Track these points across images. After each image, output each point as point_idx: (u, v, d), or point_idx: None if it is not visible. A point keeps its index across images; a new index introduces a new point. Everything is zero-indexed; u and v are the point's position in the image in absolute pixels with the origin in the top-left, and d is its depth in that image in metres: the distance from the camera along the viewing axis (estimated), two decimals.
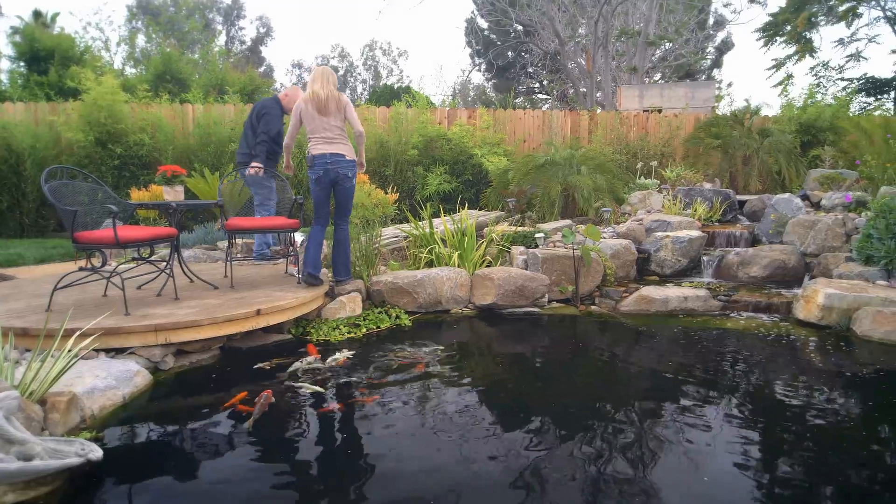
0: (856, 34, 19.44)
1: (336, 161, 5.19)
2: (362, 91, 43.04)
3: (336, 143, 5.25)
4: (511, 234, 6.88)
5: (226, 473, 2.66)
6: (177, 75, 14.28)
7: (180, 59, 15.31)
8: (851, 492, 2.59)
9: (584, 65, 23.83)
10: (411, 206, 9.49)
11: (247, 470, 2.69)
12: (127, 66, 23.09)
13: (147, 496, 2.46)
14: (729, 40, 29.70)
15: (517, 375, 4.17)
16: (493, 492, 2.54)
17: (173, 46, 19.50)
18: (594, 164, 8.48)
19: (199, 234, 7.87)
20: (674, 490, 2.58)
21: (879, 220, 5.99)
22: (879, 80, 19.44)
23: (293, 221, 5.39)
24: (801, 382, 4.01)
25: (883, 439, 3.13)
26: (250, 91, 14.57)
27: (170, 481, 2.58)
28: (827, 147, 10.28)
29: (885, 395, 3.80)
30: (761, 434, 3.17)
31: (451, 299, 5.85)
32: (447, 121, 11.24)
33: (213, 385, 3.79)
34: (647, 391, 3.83)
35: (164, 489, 2.51)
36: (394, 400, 3.57)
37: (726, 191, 8.70)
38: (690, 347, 4.85)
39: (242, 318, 4.28)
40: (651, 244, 7.04)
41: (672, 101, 13.95)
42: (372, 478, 2.63)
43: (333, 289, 5.48)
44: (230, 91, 11.39)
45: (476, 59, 30.22)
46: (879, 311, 5.05)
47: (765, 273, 6.62)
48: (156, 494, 2.47)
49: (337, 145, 5.25)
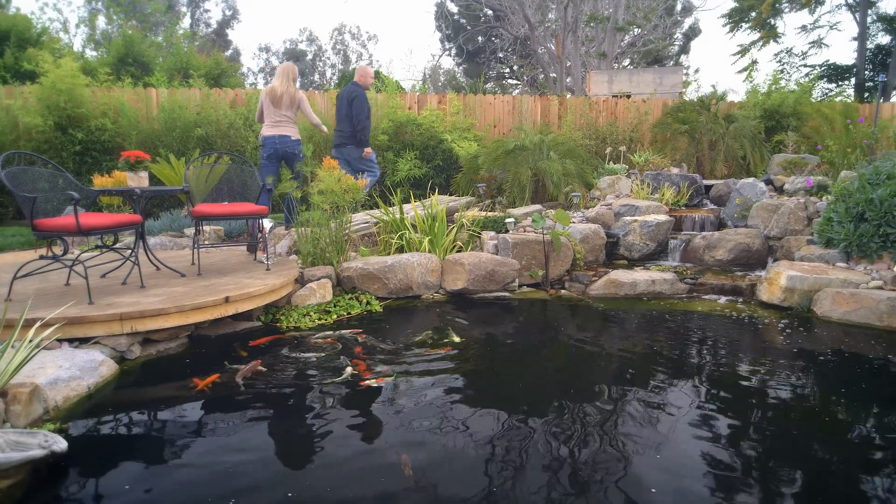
0: (818, 21, 19.80)
1: (283, 141, 6.81)
2: (331, 75, 42.55)
3: (282, 127, 6.81)
4: (481, 220, 6.90)
5: (193, 463, 2.63)
6: (140, 58, 13.93)
7: (143, 42, 14.93)
8: (812, 466, 2.68)
9: (554, 50, 23.87)
10: (381, 192, 9.44)
11: (215, 459, 2.67)
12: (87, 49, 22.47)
13: (113, 487, 2.42)
14: (696, 26, 30.04)
15: (488, 359, 4.19)
16: (468, 470, 2.56)
17: (135, 29, 19.01)
18: (564, 150, 8.52)
19: (166, 221, 7.73)
20: (643, 466, 2.63)
21: (839, 203, 6.15)
22: (840, 66, 19.87)
23: (262, 208, 5.33)
24: (763, 362, 4.11)
25: (840, 415, 3.23)
26: (216, 75, 14.28)
27: (136, 472, 2.54)
28: (790, 132, 10.48)
29: (843, 374, 3.92)
30: (726, 412, 3.25)
31: (422, 285, 5.85)
32: (417, 106, 11.18)
33: (181, 374, 3.74)
34: (617, 372, 3.89)
35: (131, 480, 2.47)
36: (363, 386, 3.57)
37: (693, 175, 8.82)
38: (658, 330, 4.93)
39: (210, 306, 4.22)
40: (620, 228, 7.12)
41: (640, 87, 14.07)
42: (347, 463, 2.63)
43: (304, 275, 5.44)
44: (195, 75, 11.11)
45: (446, 44, 30.07)
46: (839, 293, 5.20)
47: (730, 256, 6.75)
48: (122, 485, 2.43)
49: (283, 128, 6.82)
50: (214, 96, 9.88)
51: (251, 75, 43.03)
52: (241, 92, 10.52)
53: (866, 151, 7.86)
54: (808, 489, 2.50)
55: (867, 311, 5.01)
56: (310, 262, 5.81)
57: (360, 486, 2.44)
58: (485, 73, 28.01)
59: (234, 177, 6.09)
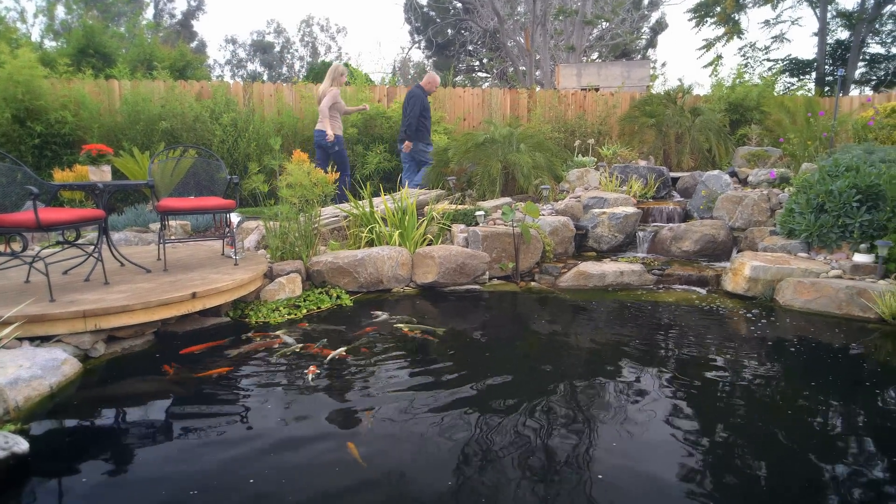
0: (780, 16, 20.20)
1: (318, 134, 8.03)
2: (300, 68, 42.07)
3: (320, 122, 7.98)
4: (452, 213, 6.90)
5: (158, 462, 2.60)
6: (101, 49, 13.56)
7: (104, 33, 14.52)
8: (775, 451, 2.74)
9: (523, 43, 23.93)
10: (351, 186, 9.38)
11: (180, 457, 2.63)
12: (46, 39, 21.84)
13: (76, 488, 2.38)
14: (663, 21, 30.39)
15: (459, 351, 4.20)
16: (438, 461, 2.57)
17: (96, 19, 18.53)
18: (533, 142, 8.55)
19: (130, 216, 7.57)
20: (610, 453, 2.67)
21: (801, 195, 6.29)
22: (802, 61, 20.30)
23: (229, 202, 5.25)
24: (728, 351, 4.20)
25: (802, 402, 3.32)
26: (181, 67, 13.98)
27: (100, 472, 2.50)
28: (754, 125, 10.67)
29: (805, 361, 4.02)
30: (692, 400, 3.31)
31: (393, 278, 5.84)
32: (387, 99, 11.11)
33: (147, 371, 3.68)
34: (586, 363, 3.94)
35: (94, 480, 2.43)
36: (334, 377, 3.55)
37: (660, 168, 8.94)
38: (626, 320, 5.00)
39: (177, 302, 4.16)
40: (589, 221, 7.19)
41: (609, 80, 14.18)
42: (317, 456, 2.62)
43: (272, 270, 5.39)
44: (160, 67, 10.86)
45: (416, 37, 29.93)
46: (800, 282, 5.33)
47: (696, 247, 6.86)
48: (85, 486, 2.39)
49: (319, 123, 7.99)
50: (180, 88, 9.69)
51: (217, 67, 42.32)
52: (207, 84, 10.34)
53: (826, 144, 8.04)
54: (772, 473, 2.57)
55: (827, 300, 5.15)
56: (279, 256, 5.76)
57: (321, 478, 2.44)
58: (454, 66, 27.96)
59: (201, 170, 5.99)
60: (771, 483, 2.50)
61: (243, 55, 43.31)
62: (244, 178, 8.63)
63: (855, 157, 6.33)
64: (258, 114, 9.78)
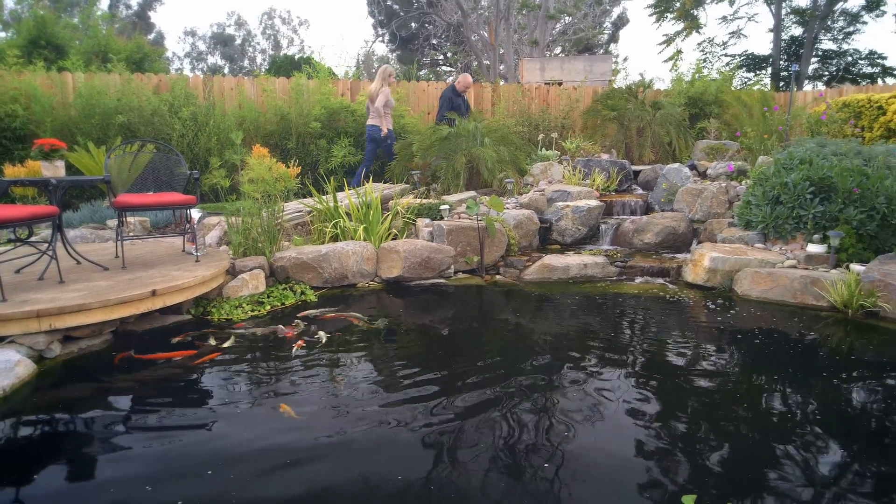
0: (737, 12, 20.63)
1: (371, 129, 8.75)
2: (262, 61, 41.44)
3: (372, 118, 8.76)
4: (416, 207, 6.89)
5: (117, 466, 2.54)
6: (53, 41, 13.13)
7: (57, 23, 14.05)
8: (734, 436, 2.82)
9: (487, 37, 23.97)
10: (315, 180, 9.28)
11: (140, 462, 2.58)
12: None
13: (30, 493, 2.31)
14: (624, 16, 30.74)
15: (425, 345, 4.21)
16: (405, 457, 2.57)
17: (48, 9, 17.94)
18: (497, 136, 8.58)
19: (86, 212, 7.37)
20: (577, 442, 2.70)
21: (757, 187, 6.44)
22: (758, 56, 20.78)
23: (189, 197, 5.15)
24: (688, 340, 4.29)
25: (759, 388, 3.41)
26: (138, 59, 13.63)
27: (55, 476, 2.44)
28: (712, 119, 10.88)
29: (761, 349, 4.13)
30: (655, 388, 3.38)
31: (358, 273, 5.81)
32: (350, 92, 11.02)
33: (105, 371, 3.60)
34: (551, 355, 3.97)
35: (49, 485, 2.37)
36: (299, 375, 3.52)
37: (622, 161, 9.06)
38: (590, 312, 5.06)
39: (137, 300, 4.07)
40: (552, 214, 7.25)
41: (572, 75, 14.29)
42: (280, 457, 2.59)
43: (235, 266, 5.31)
44: (115, 59, 10.56)
45: (379, 30, 29.73)
46: (757, 272, 5.46)
47: (657, 239, 6.98)
48: (41, 492, 2.33)
49: (371, 119, 8.77)
50: (137, 82, 9.44)
51: (176, 60, 41.37)
52: (165, 77, 10.11)
53: (781, 137, 8.25)
54: (730, 454, 2.64)
55: (782, 290, 5.29)
56: (241, 252, 5.67)
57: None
58: (418, 60, 27.86)
59: (160, 165, 5.87)
60: (728, 463, 2.56)
61: (203, 48, 42.48)
62: (205, 173, 8.46)
63: (808, 150, 6.51)
64: (219, 108, 9.60)
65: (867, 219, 5.62)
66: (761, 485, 2.41)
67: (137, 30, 27.48)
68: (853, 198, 5.70)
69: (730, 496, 2.30)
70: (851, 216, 5.62)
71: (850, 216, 5.63)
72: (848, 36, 20.02)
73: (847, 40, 20.11)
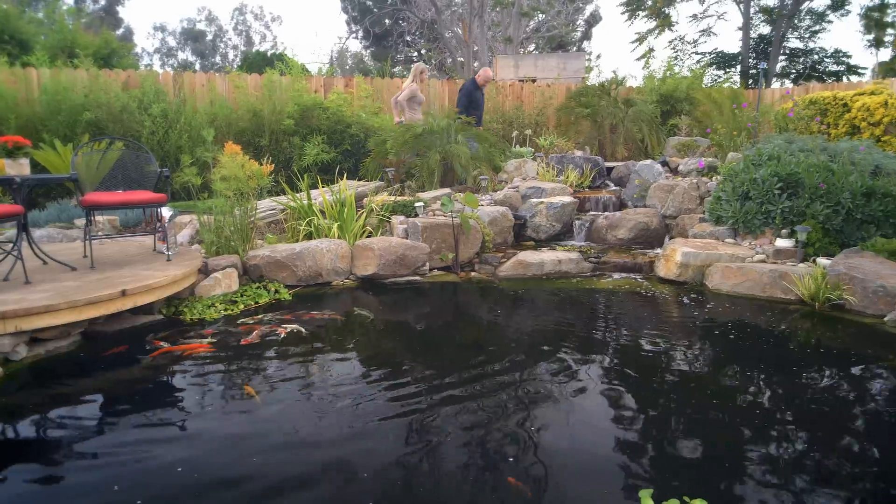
0: (707, 11, 20.90)
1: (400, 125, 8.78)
2: (234, 57, 40.94)
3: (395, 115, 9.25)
4: (391, 204, 6.87)
5: (83, 468, 2.50)
6: (17, 35, 12.82)
7: (21, 17, 13.73)
8: (704, 424, 2.86)
9: (461, 34, 23.98)
10: (288, 178, 9.19)
11: (110, 466, 2.55)
12: None
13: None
14: (597, 13, 30.98)
15: (401, 343, 4.21)
16: (381, 454, 2.57)
17: (11, 3, 17.48)
18: (472, 133, 8.60)
19: (53, 211, 7.21)
20: (552, 435, 2.73)
21: (727, 183, 6.55)
22: (728, 54, 21.09)
23: (160, 196, 5.07)
24: (661, 334, 4.34)
25: (730, 380, 3.48)
26: (106, 55, 13.37)
27: (21, 482, 2.39)
28: (683, 116, 11.02)
29: (732, 341, 4.20)
30: (630, 382, 3.42)
31: (332, 271, 5.78)
32: (324, 89, 10.94)
33: (73, 373, 3.54)
34: (526, 350, 4.00)
35: (15, 490, 2.32)
36: (275, 373, 3.50)
37: (595, 158, 9.13)
38: (565, 308, 5.11)
39: (106, 301, 4.00)
40: (527, 210, 7.29)
41: (545, 72, 14.36)
42: (254, 456, 2.57)
43: (207, 265, 5.25)
44: (82, 55, 10.35)
45: (353, 26, 29.58)
46: (727, 267, 5.56)
47: (630, 235, 7.05)
48: (4, 495, 2.28)
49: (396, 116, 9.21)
50: (105, 77, 9.26)
51: (146, 56, 40.71)
52: (134, 73, 9.94)
53: (750, 134, 8.39)
54: (702, 445, 2.68)
55: (752, 283, 5.39)
56: (214, 251, 5.61)
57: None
58: (392, 57, 27.77)
59: (130, 163, 5.76)
60: (701, 454, 2.61)
61: (173, 44, 41.83)
62: (176, 171, 8.34)
63: (776, 146, 6.63)
64: (190, 104, 9.46)
65: (833, 214, 5.75)
66: (726, 476, 2.46)
67: (105, 25, 26.92)
68: (819, 193, 5.82)
69: (691, 489, 2.34)
70: (818, 211, 5.75)
71: (816, 211, 5.75)
72: (814, 34, 20.42)
73: (813, 39, 20.51)
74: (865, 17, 19.10)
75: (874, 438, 2.79)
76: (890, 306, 4.67)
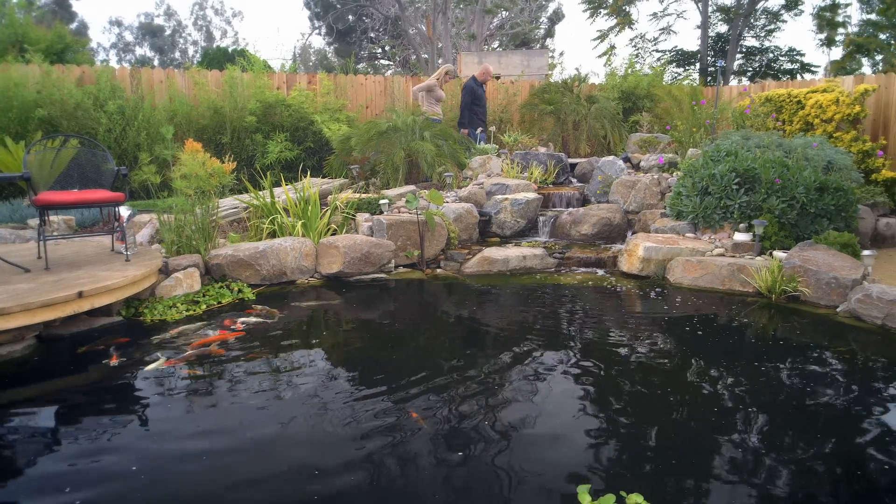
0: (667, 9, 21.24)
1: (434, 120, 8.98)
2: (193, 53, 40.17)
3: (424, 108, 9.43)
4: (356, 202, 6.83)
5: (43, 479, 2.43)
6: None
7: None
8: (666, 414, 2.92)
9: (425, 31, 23.94)
10: (251, 176, 9.06)
11: (68, 473, 2.48)
12: None
13: None
14: (560, 11, 31.25)
15: (367, 341, 4.19)
16: (349, 453, 2.55)
17: None
18: (436, 130, 8.60)
19: (5, 211, 6.98)
20: (518, 423, 2.75)
21: (687, 178, 6.68)
22: (687, 52, 21.47)
23: (117, 194, 4.96)
24: (624, 327, 4.42)
25: (691, 371, 3.55)
26: (60, 50, 12.96)
27: None
28: (644, 113, 11.19)
29: (692, 333, 4.29)
30: (595, 375, 3.47)
31: (297, 270, 5.72)
32: (286, 86, 10.81)
33: (27, 378, 3.44)
34: (492, 345, 4.02)
35: None
36: (240, 373, 3.45)
37: (559, 154, 9.22)
38: (531, 303, 5.15)
39: (62, 303, 3.89)
40: (492, 207, 7.32)
41: (509, 69, 14.43)
42: (218, 458, 2.54)
43: (168, 265, 5.15)
44: (33, 50, 10.03)
45: (316, 23, 29.27)
46: (688, 261, 5.67)
47: (594, 230, 7.14)
48: None
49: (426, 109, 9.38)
50: (58, 73, 8.99)
51: (102, 51, 39.61)
52: (89, 69, 9.67)
53: (709, 130, 8.56)
54: (663, 434, 2.73)
55: (712, 277, 5.51)
56: (174, 250, 5.50)
57: None
58: (356, 53, 27.58)
59: (86, 161, 5.61)
60: (661, 443, 2.66)
61: (130, 39, 40.81)
62: (134, 169, 8.15)
63: (734, 142, 6.78)
64: (148, 101, 9.25)
65: (788, 208, 5.91)
66: (674, 470, 2.51)
67: (58, 19, 26.13)
68: (775, 188, 5.98)
69: (635, 484, 2.38)
70: (774, 205, 5.90)
71: (772, 205, 5.90)
72: (769, 33, 20.93)
73: (769, 38, 21.02)
74: (818, 16, 19.65)
75: (827, 425, 2.88)
76: (842, 297, 4.82)
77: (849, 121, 8.23)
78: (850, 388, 3.38)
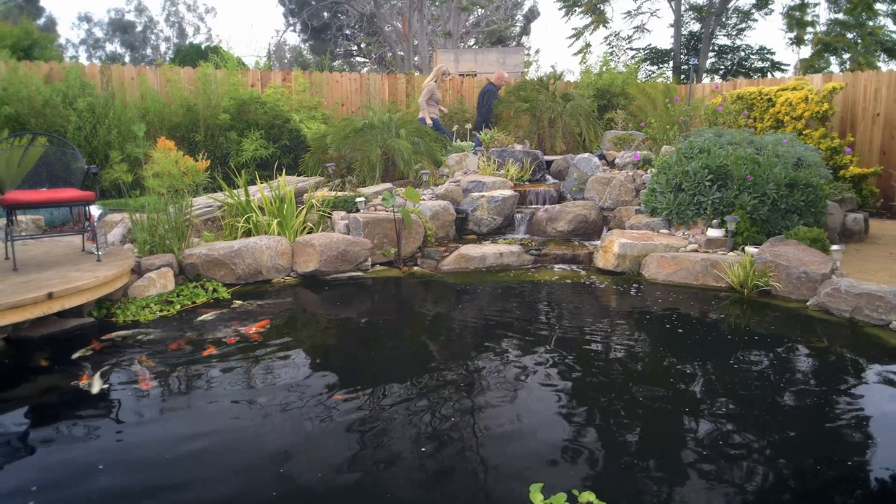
0: (641, 7, 21.42)
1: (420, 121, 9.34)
2: (166, 50, 39.57)
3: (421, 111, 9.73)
4: (332, 200, 6.79)
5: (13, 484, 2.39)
6: None
7: None
8: (642, 407, 2.95)
9: (401, 28, 23.87)
10: (225, 174, 8.96)
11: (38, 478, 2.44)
12: None
13: None
14: (535, 9, 31.35)
15: (344, 339, 4.18)
16: (330, 453, 2.54)
17: None
18: (413, 128, 8.58)
19: None
20: (500, 427, 2.76)
21: (661, 175, 6.75)
22: (661, 50, 21.70)
23: (87, 193, 4.87)
24: (600, 323, 4.46)
25: (665, 365, 3.59)
26: (26, 46, 12.68)
27: None
28: (619, 110, 11.29)
29: (666, 328, 4.35)
30: (569, 369, 3.49)
31: (273, 268, 5.68)
32: (260, 83, 10.71)
33: None
34: (470, 343, 4.03)
35: None
36: (217, 373, 3.42)
37: (535, 152, 9.26)
38: (507, 300, 5.17)
39: (30, 304, 3.82)
40: (468, 204, 7.33)
41: (485, 66, 14.45)
42: (192, 463, 2.51)
43: (141, 265, 5.08)
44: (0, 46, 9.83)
45: (290, 19, 29.01)
46: (662, 257, 5.74)
47: (570, 227, 7.19)
48: None
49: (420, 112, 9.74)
50: (24, 70, 8.80)
51: (71, 48, 38.81)
52: (57, 66, 9.48)
53: (682, 128, 8.66)
54: (640, 427, 2.77)
55: (686, 272, 5.58)
56: (147, 250, 5.43)
57: None
58: (331, 51, 27.40)
59: (55, 160, 5.50)
60: (638, 437, 2.69)
61: (100, 35, 40.06)
62: (105, 167, 8.01)
63: (706, 140, 6.87)
64: (119, 99, 9.09)
65: (759, 204, 6.00)
66: (632, 466, 2.55)
67: (25, 14, 25.56)
68: (747, 184, 6.07)
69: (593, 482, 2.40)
70: (746, 202, 5.99)
71: (744, 202, 5.99)
72: (741, 32, 21.21)
73: (740, 36, 21.32)
74: (787, 16, 19.95)
75: (793, 417, 2.94)
76: (812, 291, 4.92)
77: (818, 118, 8.39)
78: (819, 380, 3.45)
